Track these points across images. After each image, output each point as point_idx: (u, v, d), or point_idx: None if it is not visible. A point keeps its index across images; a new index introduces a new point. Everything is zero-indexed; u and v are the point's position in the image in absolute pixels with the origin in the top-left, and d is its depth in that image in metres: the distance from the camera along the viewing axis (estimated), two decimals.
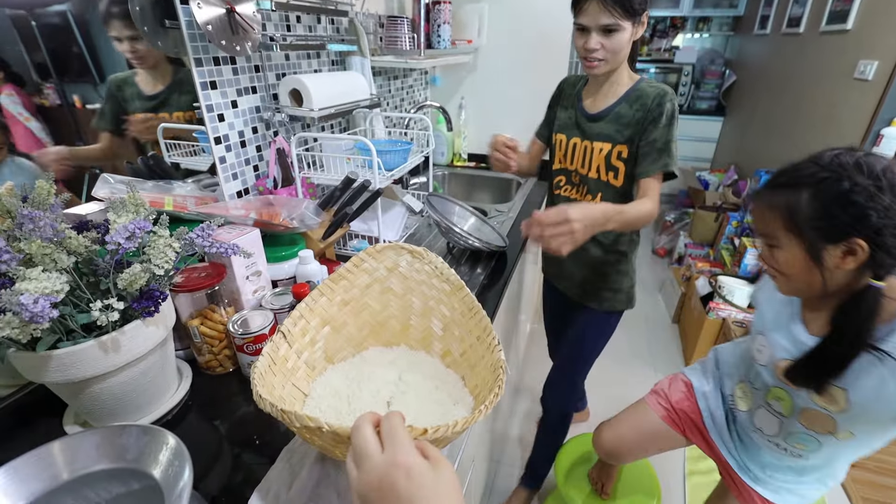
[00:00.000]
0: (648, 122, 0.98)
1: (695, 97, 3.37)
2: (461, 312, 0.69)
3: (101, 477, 0.45)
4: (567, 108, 1.14)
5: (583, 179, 1.11)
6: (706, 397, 1.04)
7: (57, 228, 0.59)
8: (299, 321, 0.61)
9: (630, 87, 1.02)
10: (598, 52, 0.94)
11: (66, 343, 0.57)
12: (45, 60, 0.78)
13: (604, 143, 1.04)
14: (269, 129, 1.09)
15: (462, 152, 2.00)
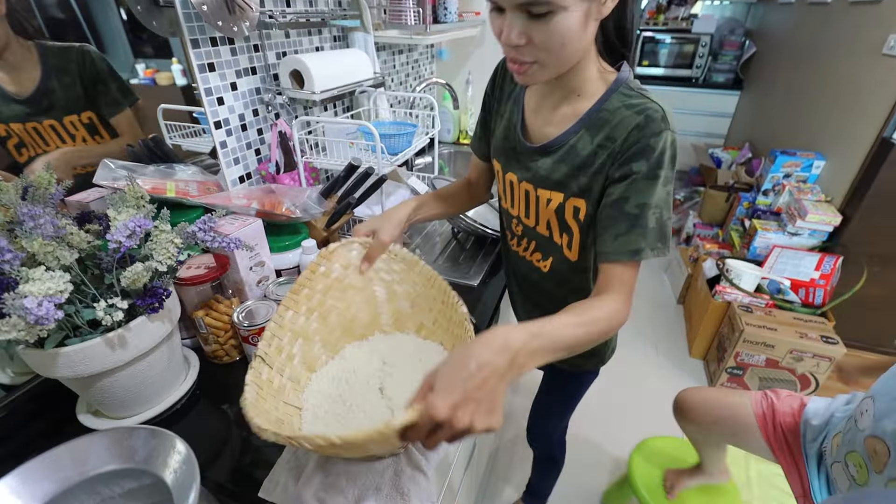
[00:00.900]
0: (619, 168, 0.60)
1: (711, 69, 3.24)
2: (422, 285, 0.71)
3: (111, 477, 0.46)
4: (503, 116, 0.76)
5: (528, 232, 0.77)
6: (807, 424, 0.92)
7: (58, 225, 0.58)
8: (273, 340, 0.61)
9: (597, 102, 0.62)
10: (523, 50, 0.55)
11: (73, 340, 0.57)
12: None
13: (552, 191, 0.68)
14: (271, 112, 1.06)
15: (469, 129, 1.95)
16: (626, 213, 0.59)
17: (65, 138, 0.78)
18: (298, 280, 0.67)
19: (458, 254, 1.21)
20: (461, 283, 1.03)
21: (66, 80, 0.77)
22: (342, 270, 0.72)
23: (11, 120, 0.72)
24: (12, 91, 0.72)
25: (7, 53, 0.70)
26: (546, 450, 1.24)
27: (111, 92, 0.84)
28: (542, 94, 0.69)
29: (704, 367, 2.02)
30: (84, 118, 0.80)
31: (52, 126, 0.76)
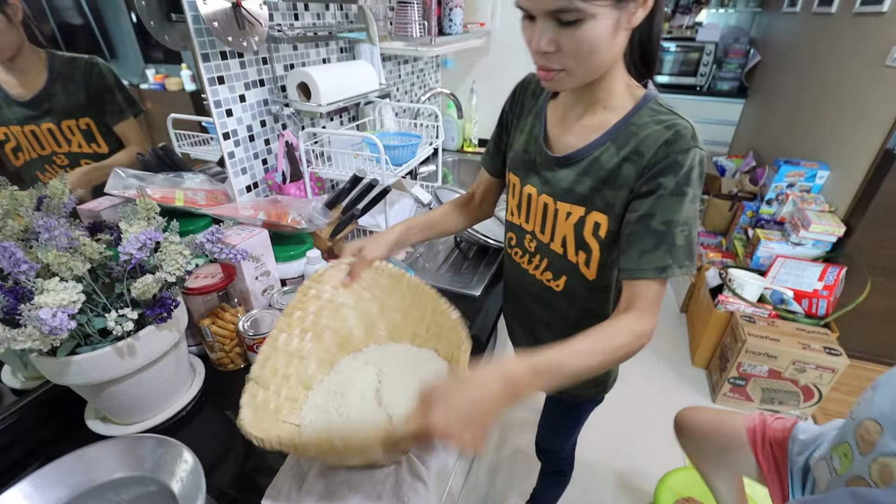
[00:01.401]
0: (645, 183, 0.59)
1: (716, 77, 3.24)
2: (412, 295, 0.73)
3: (120, 484, 0.47)
4: (523, 130, 0.75)
5: (541, 249, 0.75)
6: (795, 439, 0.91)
7: (71, 237, 0.60)
8: (266, 363, 0.63)
9: (626, 115, 0.62)
10: (552, 57, 0.56)
11: (84, 348, 0.59)
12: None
13: (573, 205, 0.67)
14: (278, 122, 1.08)
15: (473, 138, 1.97)
16: (653, 229, 0.58)
17: (61, 143, 0.79)
18: (290, 303, 0.68)
19: (461, 263, 1.22)
20: (463, 293, 1.05)
21: (70, 86, 0.79)
22: (333, 291, 0.73)
23: (11, 123, 0.73)
24: (15, 94, 0.73)
25: (18, 58, 0.72)
26: (554, 465, 1.24)
27: (116, 101, 0.86)
28: (567, 105, 0.68)
29: (707, 376, 2.02)
30: (82, 124, 0.81)
31: (50, 130, 0.77)
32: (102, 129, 0.85)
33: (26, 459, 0.67)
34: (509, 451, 1.70)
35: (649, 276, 0.59)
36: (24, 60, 0.73)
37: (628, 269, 0.61)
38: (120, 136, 0.89)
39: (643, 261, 0.59)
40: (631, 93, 0.63)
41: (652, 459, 1.67)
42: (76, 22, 0.79)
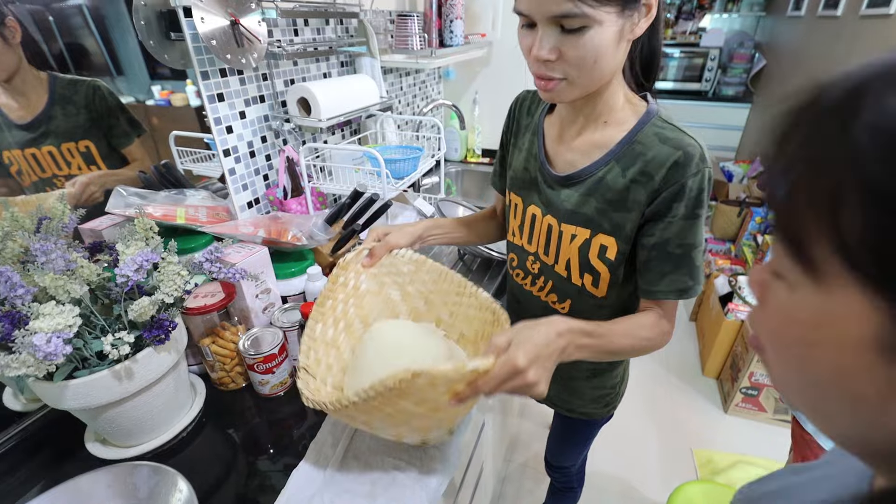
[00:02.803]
0: (657, 208, 0.58)
1: (721, 82, 3.23)
2: (433, 282, 0.74)
3: None
4: (522, 149, 0.73)
5: (545, 271, 0.73)
6: None
7: (69, 259, 0.60)
8: (310, 353, 0.65)
9: (629, 132, 0.60)
10: (553, 66, 0.54)
11: (82, 372, 0.59)
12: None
13: (578, 227, 0.65)
14: (279, 138, 1.08)
15: (476, 148, 1.97)
16: (671, 253, 0.60)
17: (61, 166, 0.79)
18: (322, 292, 0.69)
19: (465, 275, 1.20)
20: None
21: (71, 109, 0.78)
22: (357, 278, 0.74)
23: (12, 146, 0.72)
24: (15, 117, 0.72)
25: (16, 79, 0.72)
26: (565, 481, 1.21)
27: (121, 125, 0.87)
28: (565, 119, 0.66)
29: (718, 386, 1.98)
30: (81, 147, 0.80)
31: (51, 153, 0.77)
32: (103, 152, 0.85)
33: (27, 483, 0.66)
34: (517, 465, 1.68)
35: (670, 299, 0.62)
36: (22, 82, 0.73)
37: (651, 290, 0.62)
38: (127, 156, 0.90)
39: (664, 283, 0.61)
40: (632, 106, 0.62)
41: (664, 473, 1.63)
42: (83, 41, 0.80)
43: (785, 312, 0.24)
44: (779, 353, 0.25)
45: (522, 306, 0.82)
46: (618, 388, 0.88)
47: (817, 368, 0.22)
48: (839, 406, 0.22)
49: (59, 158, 0.78)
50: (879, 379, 0.19)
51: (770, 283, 0.25)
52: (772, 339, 0.26)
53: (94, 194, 0.86)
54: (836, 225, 0.19)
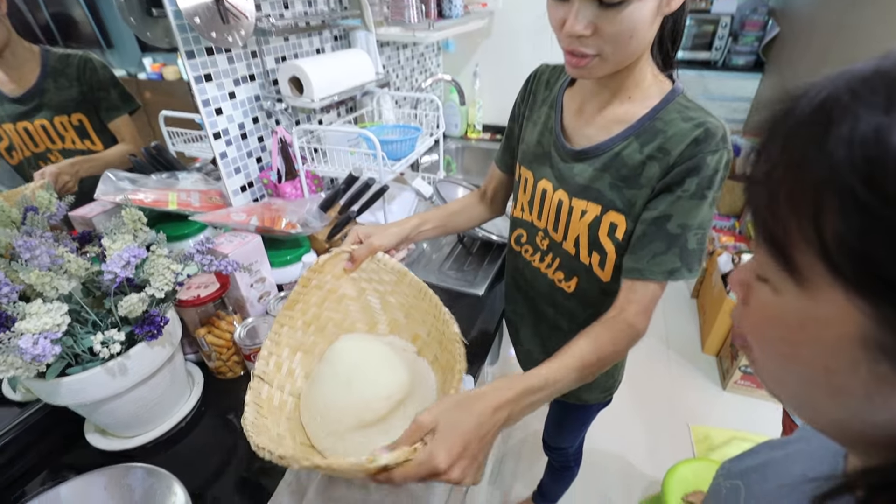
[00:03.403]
0: (669, 181, 0.57)
1: (731, 51, 3.10)
2: (413, 297, 0.70)
3: None
4: (537, 122, 0.71)
5: (553, 247, 0.72)
6: None
7: (54, 255, 0.58)
8: (270, 358, 0.61)
9: (652, 109, 0.58)
10: (587, 41, 0.52)
11: (75, 368, 0.58)
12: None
13: (588, 202, 0.63)
14: (271, 118, 1.05)
15: (476, 123, 1.91)
16: (667, 231, 0.57)
17: (54, 139, 0.78)
18: (290, 296, 0.67)
19: (464, 258, 1.19)
20: (466, 292, 1.02)
21: (63, 82, 0.77)
22: (335, 281, 0.71)
23: (4, 120, 0.71)
24: (7, 91, 0.71)
25: (7, 53, 0.70)
26: (562, 460, 1.23)
27: (111, 98, 0.84)
28: (588, 94, 0.64)
29: (717, 363, 1.99)
30: (74, 120, 0.79)
31: (43, 126, 0.76)
32: (96, 126, 0.83)
33: (28, 473, 0.67)
34: (516, 441, 1.71)
35: (657, 279, 0.58)
36: (13, 55, 0.71)
37: (637, 269, 0.60)
38: (114, 132, 0.87)
39: (653, 262, 0.58)
40: (657, 83, 0.60)
41: (660, 449, 1.66)
42: (70, 11, 0.76)
43: (770, 314, 0.24)
44: (764, 351, 0.26)
45: (529, 283, 0.80)
46: (616, 375, 0.88)
47: (803, 366, 0.23)
48: (825, 400, 0.23)
49: (51, 132, 0.77)
50: (864, 374, 0.20)
51: (754, 284, 0.26)
52: (757, 338, 0.26)
53: (68, 184, 0.82)
54: (818, 231, 0.20)
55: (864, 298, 0.19)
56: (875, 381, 0.20)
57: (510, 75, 1.82)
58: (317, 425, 0.60)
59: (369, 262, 0.71)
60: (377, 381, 0.60)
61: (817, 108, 0.22)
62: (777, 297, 0.24)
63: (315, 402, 0.61)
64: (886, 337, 0.19)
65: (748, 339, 0.27)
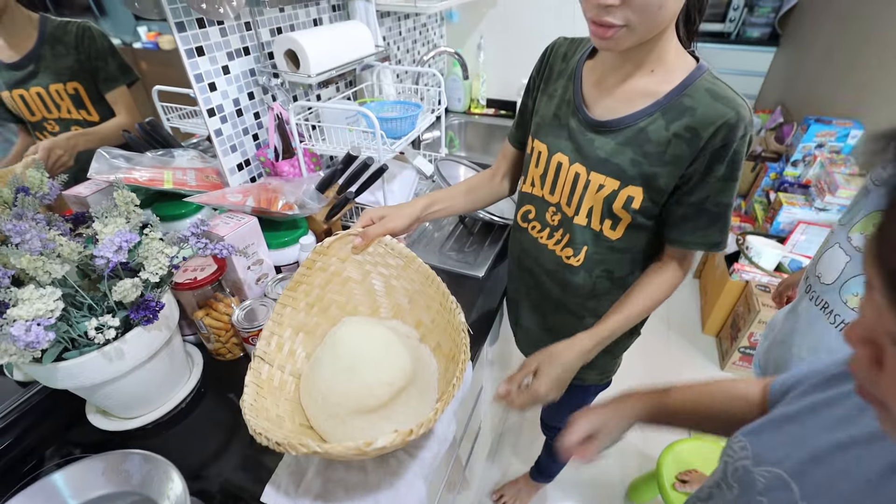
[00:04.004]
0: (699, 165, 0.58)
1: (746, 23, 2.98)
2: (420, 283, 0.70)
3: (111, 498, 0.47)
4: (553, 95, 0.69)
5: (565, 223, 0.71)
6: None
7: (45, 238, 0.57)
8: (272, 338, 0.61)
9: (679, 85, 0.57)
10: (615, 11, 0.50)
11: (72, 353, 0.58)
12: None
13: (607, 177, 0.63)
14: (267, 94, 1.01)
15: (480, 98, 1.86)
16: (707, 210, 0.61)
17: (50, 108, 0.77)
18: (294, 277, 0.66)
19: (465, 239, 1.18)
20: (466, 273, 1.01)
21: (60, 49, 0.76)
22: (340, 264, 0.70)
23: (1, 88, 0.71)
24: (4, 57, 0.71)
25: (5, 18, 0.69)
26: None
27: (109, 68, 0.82)
28: (609, 66, 0.63)
29: (717, 344, 2.00)
30: (69, 88, 0.78)
31: (39, 94, 0.75)
32: (93, 96, 0.82)
33: (32, 453, 0.68)
34: (515, 420, 1.74)
35: (701, 250, 0.65)
36: (11, 22, 0.70)
37: (681, 241, 0.66)
38: (112, 104, 0.85)
39: (697, 236, 0.64)
40: (681, 57, 0.59)
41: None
42: None
43: None
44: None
45: (534, 260, 0.80)
46: (617, 359, 0.88)
47: None
48: None
49: (47, 100, 0.76)
50: None
51: (888, 347, 0.24)
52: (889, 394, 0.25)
53: (62, 158, 0.81)
54: None
55: None
56: None
57: (516, 48, 1.76)
58: (317, 408, 0.60)
59: (376, 245, 0.70)
60: (380, 366, 0.60)
61: None
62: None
63: (316, 384, 0.61)
64: None
65: (883, 398, 0.26)
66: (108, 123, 0.86)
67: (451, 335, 0.64)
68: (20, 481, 0.64)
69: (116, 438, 0.68)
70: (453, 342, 0.63)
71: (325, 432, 0.58)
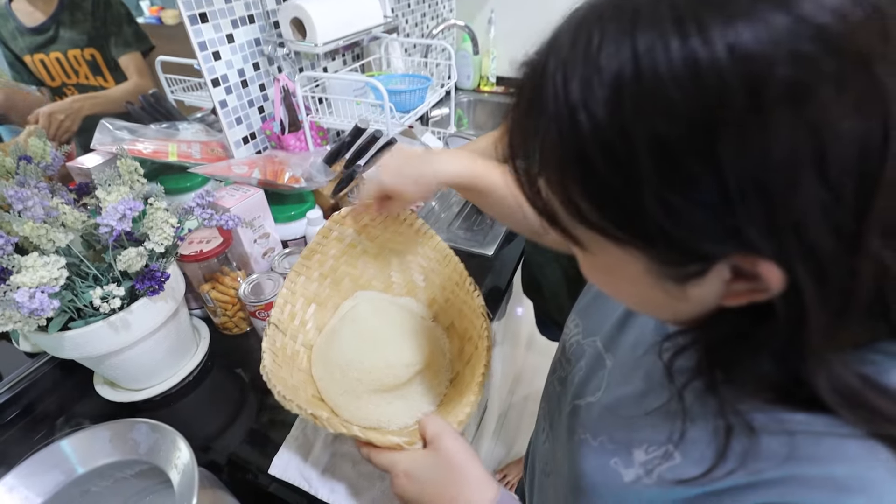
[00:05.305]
0: None
1: None
2: (437, 261, 0.68)
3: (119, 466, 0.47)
4: None
5: None
6: None
7: (48, 206, 0.56)
8: (285, 307, 0.60)
9: None
10: None
11: (77, 322, 0.57)
12: None
13: None
14: (273, 65, 0.99)
15: (490, 75, 1.81)
16: None
17: (69, 73, 0.77)
18: (310, 245, 0.64)
19: (474, 217, 1.16)
20: (475, 252, 0.99)
21: (79, 15, 0.77)
22: (356, 235, 0.68)
23: (23, 52, 0.72)
24: (26, 21, 0.72)
25: None
26: None
27: (124, 34, 0.82)
28: None
29: None
30: (87, 55, 0.78)
31: (58, 59, 0.76)
32: (109, 63, 0.82)
33: (41, 422, 0.68)
34: (520, 398, 1.74)
35: None
36: None
37: None
38: (124, 69, 0.84)
39: None
40: None
41: None
42: None
43: (585, 264, 0.31)
44: (598, 284, 0.32)
45: None
46: None
47: (626, 293, 0.31)
48: (654, 309, 0.31)
49: (66, 66, 0.77)
50: (662, 291, 0.26)
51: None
52: (589, 276, 0.32)
53: (64, 124, 0.80)
54: (573, 206, 0.24)
55: (633, 247, 0.24)
56: (671, 295, 0.26)
57: (528, 23, 1.70)
58: (332, 381, 0.59)
59: (394, 220, 0.68)
60: (403, 347, 0.59)
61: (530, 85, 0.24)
62: (581, 254, 0.29)
63: (334, 358, 0.60)
64: (656, 265, 0.24)
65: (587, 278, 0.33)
66: (117, 88, 0.85)
67: (467, 317, 0.63)
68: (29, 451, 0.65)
69: (124, 410, 0.68)
70: (470, 324, 0.61)
71: (337, 406, 0.57)
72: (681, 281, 0.24)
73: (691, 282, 0.24)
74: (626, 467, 0.34)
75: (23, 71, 0.75)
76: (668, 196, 0.20)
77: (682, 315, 0.29)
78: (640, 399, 0.36)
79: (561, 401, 0.49)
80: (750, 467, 0.26)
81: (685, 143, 0.19)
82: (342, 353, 0.59)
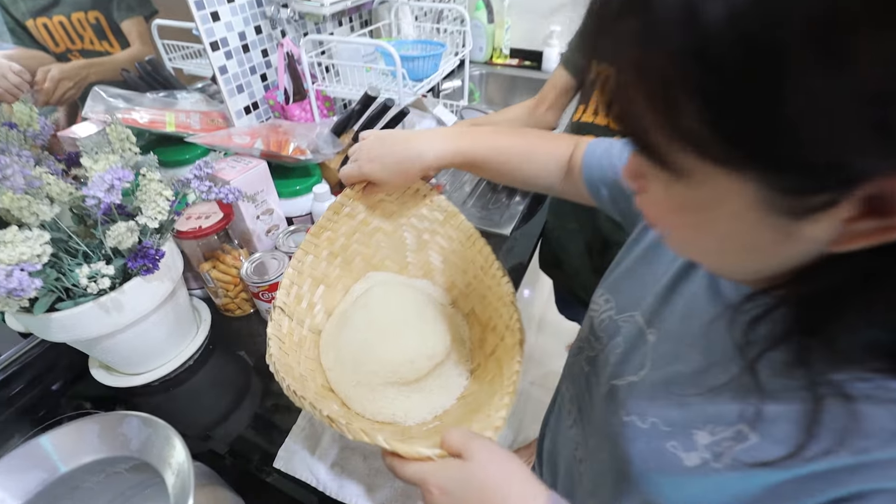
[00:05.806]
0: None
1: None
2: (459, 241, 0.62)
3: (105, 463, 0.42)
4: None
5: None
6: None
7: (30, 175, 0.51)
8: (291, 289, 0.55)
9: None
10: None
11: (66, 303, 0.52)
12: None
13: None
14: (276, 28, 0.92)
15: (503, 47, 1.72)
16: None
17: (73, 38, 0.73)
18: (319, 221, 0.59)
19: (488, 196, 1.09)
20: (491, 231, 0.94)
21: None
22: (369, 211, 0.62)
23: (26, 16, 0.68)
24: None
25: None
26: None
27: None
28: None
29: None
30: (91, 17, 0.74)
31: (62, 23, 0.71)
32: (114, 27, 0.77)
33: (34, 407, 0.65)
34: (528, 384, 1.71)
35: None
36: None
37: None
38: (126, 34, 0.79)
39: None
40: None
41: None
42: None
43: (668, 204, 0.25)
44: (677, 233, 0.27)
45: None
46: None
47: (714, 236, 0.24)
48: (738, 257, 0.25)
49: (70, 30, 0.73)
50: (767, 230, 0.21)
51: (645, 176, 0.26)
52: (666, 224, 0.27)
53: (69, 91, 0.75)
54: (677, 123, 0.20)
55: (742, 173, 0.20)
56: (780, 232, 0.21)
57: None
58: (345, 372, 0.54)
59: (413, 195, 0.62)
60: (424, 337, 0.54)
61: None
62: (669, 190, 0.24)
63: (346, 347, 0.55)
64: (771, 195, 0.20)
65: (653, 220, 0.28)
66: (120, 54, 0.80)
67: (491, 304, 0.57)
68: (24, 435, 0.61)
69: (121, 395, 0.64)
70: (494, 312, 0.56)
71: (349, 398, 0.52)
72: (799, 216, 0.20)
73: (810, 217, 0.20)
74: (688, 451, 0.30)
75: (24, 37, 0.69)
76: (822, 97, 0.16)
77: (776, 265, 0.24)
78: (699, 375, 0.32)
79: (591, 382, 0.47)
80: (852, 446, 0.22)
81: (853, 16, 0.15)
82: (355, 342, 0.54)
